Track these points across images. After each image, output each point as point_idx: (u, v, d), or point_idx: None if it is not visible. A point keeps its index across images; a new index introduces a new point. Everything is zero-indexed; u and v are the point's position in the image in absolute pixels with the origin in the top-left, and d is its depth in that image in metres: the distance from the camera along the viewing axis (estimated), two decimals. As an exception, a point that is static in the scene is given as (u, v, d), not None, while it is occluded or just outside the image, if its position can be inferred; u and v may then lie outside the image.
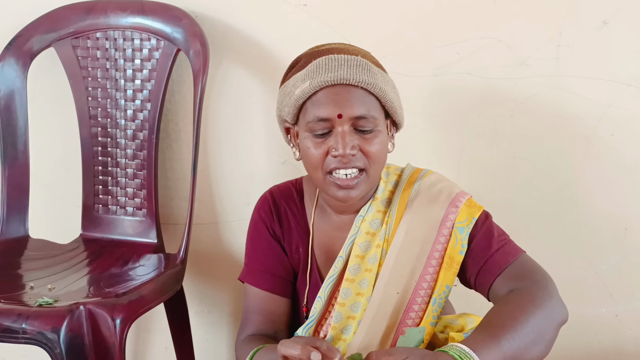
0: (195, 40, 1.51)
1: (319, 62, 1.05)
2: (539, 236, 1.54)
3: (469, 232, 1.11)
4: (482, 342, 0.91)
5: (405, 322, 1.10)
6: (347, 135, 1.04)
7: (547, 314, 0.97)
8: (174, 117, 1.67)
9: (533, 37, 1.45)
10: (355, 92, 1.04)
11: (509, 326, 0.93)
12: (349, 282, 1.13)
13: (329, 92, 1.04)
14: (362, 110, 1.04)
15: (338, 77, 1.02)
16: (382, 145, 1.08)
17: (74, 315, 1.18)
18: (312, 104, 1.05)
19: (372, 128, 1.05)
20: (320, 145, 1.06)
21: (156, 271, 1.43)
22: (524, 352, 0.93)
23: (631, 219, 1.50)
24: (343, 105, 1.03)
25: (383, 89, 1.05)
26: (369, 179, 1.09)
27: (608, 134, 1.47)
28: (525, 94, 1.48)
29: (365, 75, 1.03)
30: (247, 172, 1.67)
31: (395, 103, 1.10)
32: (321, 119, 1.04)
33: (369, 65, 1.06)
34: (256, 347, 1.06)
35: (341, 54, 1.06)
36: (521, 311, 0.96)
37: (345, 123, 1.04)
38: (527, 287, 1.02)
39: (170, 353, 1.71)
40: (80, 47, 1.62)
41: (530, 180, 1.53)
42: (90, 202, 1.66)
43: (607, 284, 1.55)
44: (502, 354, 0.90)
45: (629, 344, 1.57)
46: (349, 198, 1.08)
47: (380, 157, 1.08)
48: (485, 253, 1.09)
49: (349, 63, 1.04)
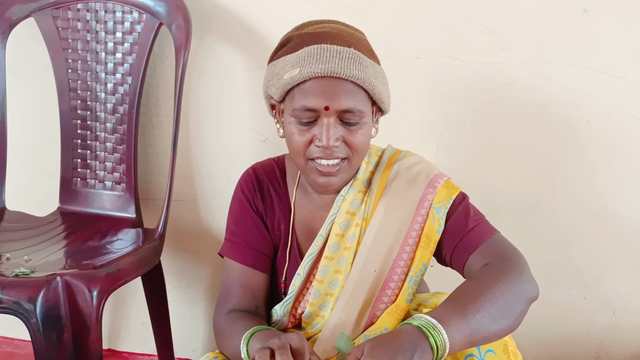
0: (178, 15, 1.50)
1: (310, 50, 1.04)
2: (514, 219, 1.56)
3: (446, 212, 1.13)
4: (448, 313, 0.92)
5: (381, 299, 1.12)
6: (332, 128, 1.04)
7: (515, 289, 0.99)
8: (155, 91, 1.66)
9: (515, 23, 1.46)
10: (345, 86, 1.03)
11: (475, 299, 0.95)
12: (328, 260, 1.15)
13: (318, 83, 1.03)
14: (349, 104, 1.04)
15: (329, 69, 1.02)
16: (366, 135, 1.09)
17: (51, 286, 1.18)
18: (300, 91, 1.05)
19: (357, 121, 1.06)
20: (305, 133, 1.06)
21: (134, 245, 1.43)
22: (490, 323, 0.94)
23: (603, 205, 1.53)
24: (331, 97, 1.03)
25: (372, 82, 1.05)
26: (350, 167, 1.10)
27: (584, 121, 1.50)
28: (506, 79, 1.50)
29: (356, 70, 1.03)
30: (227, 150, 1.67)
31: (384, 94, 1.10)
32: (308, 108, 1.04)
33: (360, 58, 1.05)
34: (253, 326, 1.06)
35: (334, 42, 1.05)
36: (489, 286, 0.97)
37: (331, 115, 1.04)
38: (498, 263, 1.04)
39: (147, 328, 1.72)
40: (60, 17, 1.60)
41: (508, 164, 1.55)
42: (69, 176, 1.64)
43: (577, 267, 1.58)
44: (467, 325, 0.92)
45: (597, 326, 1.62)
46: (329, 184, 1.10)
47: (363, 147, 1.09)
48: (461, 231, 1.11)
49: (341, 55, 1.03)
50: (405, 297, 1.11)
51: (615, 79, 1.46)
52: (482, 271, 1.04)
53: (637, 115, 1.47)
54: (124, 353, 1.88)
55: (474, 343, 0.94)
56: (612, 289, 1.58)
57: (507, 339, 1.03)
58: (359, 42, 1.09)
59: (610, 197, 1.53)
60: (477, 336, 0.93)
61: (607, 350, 1.63)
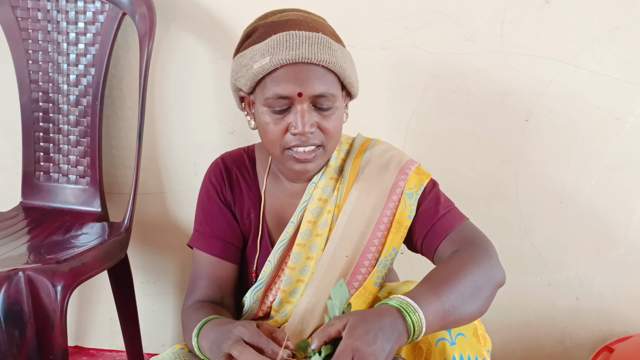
0: (141, 4, 1.47)
1: (279, 37, 1.04)
2: (480, 207, 1.59)
3: (418, 198, 1.14)
4: (423, 294, 0.94)
5: (351, 284, 1.13)
6: (307, 114, 1.05)
7: (486, 273, 1.02)
8: (119, 83, 1.63)
9: (479, 14, 1.48)
10: (316, 70, 1.04)
11: (448, 280, 0.97)
12: (300, 246, 1.15)
13: (289, 70, 1.03)
14: (322, 89, 1.04)
15: (300, 55, 1.02)
16: (339, 120, 1.10)
17: (13, 281, 1.15)
18: (272, 80, 1.04)
19: (330, 105, 1.07)
20: (279, 121, 1.06)
21: (99, 239, 1.40)
22: (462, 305, 0.96)
23: (566, 192, 1.57)
24: (304, 83, 1.03)
25: (342, 66, 1.06)
26: (325, 153, 1.11)
27: (547, 111, 1.52)
28: (471, 69, 1.52)
29: (326, 54, 1.04)
30: (194, 142, 1.65)
31: (353, 77, 1.11)
32: (281, 96, 1.04)
33: (329, 42, 1.06)
34: (204, 318, 1.06)
35: (301, 28, 1.05)
36: (460, 268, 1.00)
37: (304, 101, 1.04)
38: (469, 249, 1.06)
39: (115, 324, 1.70)
40: (20, 7, 1.56)
41: (474, 153, 1.57)
42: (31, 170, 1.61)
43: (541, 254, 1.62)
44: (440, 304, 0.94)
45: (561, 311, 1.66)
46: (306, 171, 1.11)
47: (337, 133, 1.10)
48: (432, 218, 1.12)
49: (311, 40, 1.03)
50: (373, 281, 1.12)
51: (576, 69, 1.49)
52: (455, 256, 1.06)
53: (597, 105, 1.50)
54: (91, 350, 1.85)
55: (446, 325, 0.96)
56: (575, 275, 1.62)
57: (477, 323, 1.05)
58: (325, 28, 1.10)
59: (573, 184, 1.56)
60: (450, 317, 0.95)
61: (570, 334, 1.67)
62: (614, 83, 1.48)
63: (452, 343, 1.01)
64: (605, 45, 1.47)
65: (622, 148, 1.52)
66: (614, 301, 1.62)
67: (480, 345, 1.03)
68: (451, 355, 1.00)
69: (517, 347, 1.70)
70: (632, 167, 1.53)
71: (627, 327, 1.63)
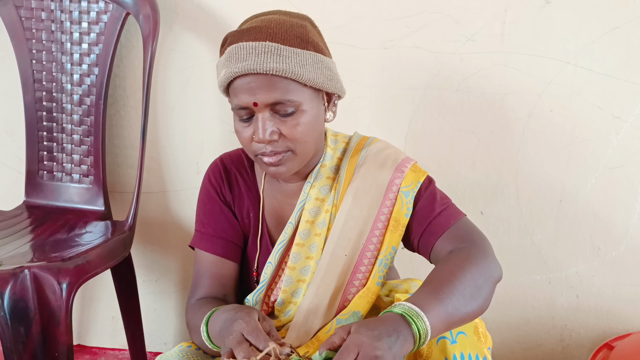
0: (145, 4, 1.48)
1: (231, 50, 1.05)
2: (480, 206, 1.60)
3: (414, 196, 1.15)
4: (425, 299, 0.95)
5: (352, 283, 1.14)
6: (266, 122, 1.04)
7: (484, 271, 1.02)
8: (122, 82, 1.64)
9: (480, 14, 1.49)
10: (267, 79, 1.03)
11: (448, 283, 0.98)
12: (299, 246, 1.16)
13: (242, 82, 1.04)
14: (276, 96, 1.03)
15: (246, 67, 1.02)
16: (307, 124, 1.07)
17: (18, 278, 1.16)
18: (232, 91, 1.06)
19: (292, 110, 1.05)
20: (246, 129, 1.07)
21: (103, 237, 1.41)
22: (464, 306, 0.97)
23: (566, 191, 1.58)
24: (256, 93, 1.03)
25: (296, 71, 1.03)
26: (297, 156, 1.09)
27: (547, 110, 1.53)
28: (472, 69, 1.53)
29: (273, 62, 1.02)
30: (196, 141, 1.66)
31: (319, 79, 1.07)
32: (240, 107, 1.05)
33: (279, 49, 1.03)
34: (210, 310, 1.07)
35: (255, 38, 1.03)
36: (459, 268, 1.01)
37: (262, 110, 1.04)
38: (466, 247, 1.07)
39: (117, 322, 1.70)
40: (23, 7, 1.57)
41: (474, 152, 1.58)
42: (34, 169, 1.62)
43: (541, 252, 1.63)
44: (443, 308, 0.95)
45: (561, 309, 1.66)
46: (278, 174, 1.10)
47: (304, 136, 1.07)
48: (428, 216, 1.13)
49: (257, 51, 1.02)
50: (375, 280, 1.13)
51: (576, 68, 1.50)
52: (452, 255, 1.06)
53: (597, 104, 1.51)
54: (94, 348, 1.86)
55: (450, 327, 0.97)
56: (575, 273, 1.63)
57: (478, 321, 1.06)
58: (286, 32, 1.05)
59: (573, 183, 1.57)
60: (453, 319, 0.96)
61: (570, 332, 1.68)
62: (614, 82, 1.49)
63: (453, 341, 1.02)
64: (605, 45, 1.48)
65: (621, 147, 1.53)
66: (614, 299, 1.63)
67: (481, 343, 1.04)
68: (452, 353, 1.01)
69: (517, 346, 1.71)
70: (631, 166, 1.54)
71: (626, 325, 1.64)
